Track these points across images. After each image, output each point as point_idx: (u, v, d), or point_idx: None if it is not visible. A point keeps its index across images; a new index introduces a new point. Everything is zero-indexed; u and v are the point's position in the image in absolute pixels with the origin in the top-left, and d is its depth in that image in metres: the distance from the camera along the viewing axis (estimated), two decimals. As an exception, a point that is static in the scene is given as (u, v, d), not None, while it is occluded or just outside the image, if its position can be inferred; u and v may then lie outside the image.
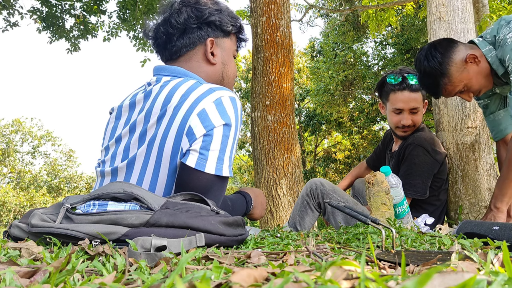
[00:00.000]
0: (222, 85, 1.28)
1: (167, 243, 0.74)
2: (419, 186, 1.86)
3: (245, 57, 17.24)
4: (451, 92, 1.66)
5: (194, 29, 1.22)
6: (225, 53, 1.28)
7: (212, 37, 1.24)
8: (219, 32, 1.25)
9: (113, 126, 1.24)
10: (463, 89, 1.64)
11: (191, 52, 1.23)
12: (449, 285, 0.32)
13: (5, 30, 7.05)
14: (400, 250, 0.88)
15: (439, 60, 1.61)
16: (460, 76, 1.61)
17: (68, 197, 0.94)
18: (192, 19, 1.20)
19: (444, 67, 1.61)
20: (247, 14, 9.96)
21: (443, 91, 1.67)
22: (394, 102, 1.96)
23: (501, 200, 1.56)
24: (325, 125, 15.01)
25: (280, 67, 3.73)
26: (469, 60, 1.60)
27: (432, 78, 1.64)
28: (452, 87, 1.63)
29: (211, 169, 1.05)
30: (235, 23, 1.28)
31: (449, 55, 1.61)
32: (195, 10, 1.21)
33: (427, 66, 1.64)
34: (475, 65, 1.61)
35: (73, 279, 0.52)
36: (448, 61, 1.61)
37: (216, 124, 1.06)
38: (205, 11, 1.21)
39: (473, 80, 1.62)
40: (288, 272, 0.46)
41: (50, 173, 23.03)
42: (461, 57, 1.61)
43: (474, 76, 1.61)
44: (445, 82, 1.63)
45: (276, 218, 3.54)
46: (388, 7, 7.39)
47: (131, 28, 7.44)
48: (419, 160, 1.88)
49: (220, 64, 1.27)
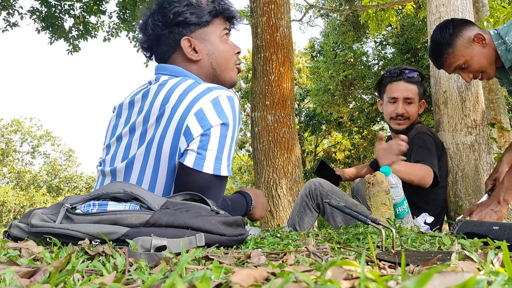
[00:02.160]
0: (215, 75, 1.26)
1: (167, 243, 0.74)
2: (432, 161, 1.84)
3: (245, 57, 17.24)
4: (451, 65, 1.75)
5: (166, 34, 1.20)
6: (208, 43, 1.23)
7: (186, 35, 1.20)
8: (194, 26, 1.21)
9: (114, 124, 1.24)
10: (464, 65, 1.72)
11: (174, 56, 1.23)
12: (449, 285, 0.32)
13: (5, 30, 7.04)
14: (400, 250, 0.88)
15: (450, 31, 1.73)
16: (463, 51, 1.71)
17: (68, 197, 0.94)
18: (159, 26, 1.19)
19: (452, 38, 1.72)
20: (247, 14, 9.96)
21: (444, 61, 1.77)
22: (390, 92, 2.02)
23: (511, 194, 1.58)
24: (325, 125, 15.01)
25: (280, 67, 3.73)
26: (476, 39, 1.69)
27: (439, 46, 1.76)
28: (453, 59, 1.73)
29: (209, 169, 1.05)
30: (212, 8, 1.23)
31: (460, 29, 1.73)
32: (160, 15, 1.19)
33: (438, 34, 1.76)
34: (481, 46, 1.69)
35: (73, 279, 0.52)
36: (457, 33, 1.72)
37: (214, 124, 1.06)
38: (169, 13, 1.18)
39: (474, 59, 1.70)
40: (288, 272, 0.46)
41: (50, 173, 23.04)
42: (470, 34, 1.71)
43: (477, 55, 1.70)
44: (448, 52, 1.73)
45: (276, 218, 3.54)
46: (388, 7, 7.39)
47: (131, 29, 7.44)
48: (426, 142, 1.89)
49: (206, 56, 1.23)
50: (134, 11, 6.98)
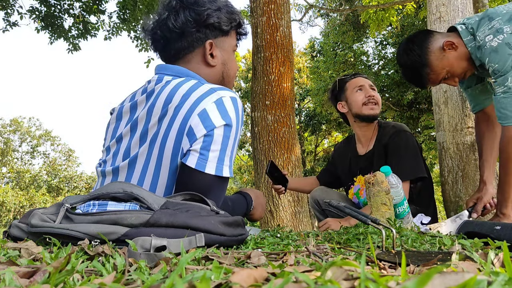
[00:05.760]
0: (222, 84, 1.27)
1: (167, 243, 0.74)
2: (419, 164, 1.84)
3: (245, 57, 17.24)
4: (436, 81, 1.70)
5: (192, 32, 1.19)
6: (225, 52, 1.26)
7: (211, 39, 1.21)
8: (218, 32, 1.22)
9: (114, 127, 1.23)
10: (447, 75, 1.68)
11: (190, 55, 1.22)
12: (449, 285, 0.32)
13: (6, 30, 7.05)
14: (401, 250, 0.88)
15: (418, 52, 1.66)
16: (441, 63, 1.65)
17: (68, 197, 0.94)
18: (191, 22, 1.18)
19: (424, 57, 1.65)
20: (247, 14, 9.97)
21: (427, 81, 1.71)
22: (353, 85, 2.03)
23: (506, 206, 1.56)
24: (325, 125, 15.02)
25: (280, 67, 3.73)
26: (447, 47, 1.64)
27: (415, 70, 1.69)
28: (435, 75, 1.67)
29: (212, 170, 1.05)
30: (234, 20, 1.25)
31: (426, 45, 1.66)
32: (193, 13, 1.18)
33: (408, 60, 1.69)
34: (453, 50, 1.64)
35: (73, 279, 0.52)
36: (426, 51, 1.65)
37: (217, 125, 1.05)
38: (203, 13, 1.18)
39: (454, 65, 1.65)
40: (288, 272, 0.46)
41: (49, 173, 23.05)
42: (438, 45, 1.65)
43: (455, 61, 1.65)
44: (427, 72, 1.67)
45: (276, 218, 3.54)
46: (388, 7, 7.39)
47: (132, 29, 7.43)
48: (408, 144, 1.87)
49: (220, 64, 1.25)
50: (134, 11, 6.98)
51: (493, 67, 1.54)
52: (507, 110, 1.52)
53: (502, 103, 1.53)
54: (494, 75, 1.56)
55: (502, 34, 1.52)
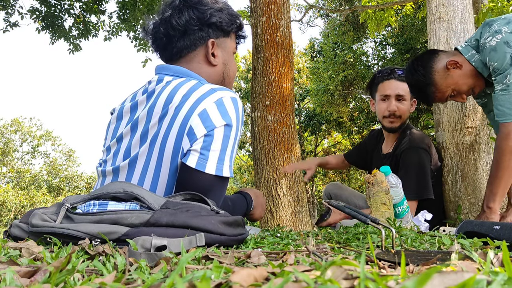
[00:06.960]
0: (222, 85, 1.27)
1: (167, 242, 0.74)
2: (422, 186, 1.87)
3: (245, 57, 17.24)
4: (442, 98, 1.75)
5: (195, 31, 1.20)
6: (226, 52, 1.27)
7: (213, 38, 1.23)
8: (220, 32, 1.24)
9: (114, 127, 1.23)
10: (453, 93, 1.72)
11: (192, 53, 1.22)
12: (448, 285, 0.32)
13: (6, 31, 7.04)
14: (400, 249, 0.88)
15: (422, 72, 1.71)
16: (445, 82, 1.69)
17: (68, 197, 0.94)
18: (194, 20, 1.19)
19: (428, 77, 1.70)
20: (247, 14, 9.96)
21: (433, 99, 1.76)
22: (382, 90, 2.06)
23: (493, 200, 1.59)
24: (325, 125, 15.02)
25: (280, 67, 3.73)
26: (450, 66, 1.68)
27: (420, 89, 1.75)
28: (440, 94, 1.72)
29: (212, 170, 1.05)
30: (235, 22, 1.27)
31: (430, 65, 1.71)
32: (197, 11, 1.19)
33: (413, 79, 1.75)
34: (458, 69, 1.68)
35: (73, 279, 0.52)
36: (430, 71, 1.70)
37: (217, 125, 1.06)
38: (206, 12, 1.19)
39: (459, 83, 1.69)
40: (288, 272, 0.46)
41: (50, 173, 23.05)
42: (442, 65, 1.70)
43: (460, 79, 1.69)
44: (432, 90, 1.72)
45: (276, 218, 3.54)
46: (387, 7, 7.39)
47: (131, 29, 7.43)
48: (419, 162, 1.91)
49: (221, 64, 1.26)
50: (134, 11, 6.98)
51: (493, 66, 1.58)
52: (504, 107, 1.55)
53: (500, 100, 1.56)
54: (494, 73, 1.59)
55: (500, 34, 1.56)
